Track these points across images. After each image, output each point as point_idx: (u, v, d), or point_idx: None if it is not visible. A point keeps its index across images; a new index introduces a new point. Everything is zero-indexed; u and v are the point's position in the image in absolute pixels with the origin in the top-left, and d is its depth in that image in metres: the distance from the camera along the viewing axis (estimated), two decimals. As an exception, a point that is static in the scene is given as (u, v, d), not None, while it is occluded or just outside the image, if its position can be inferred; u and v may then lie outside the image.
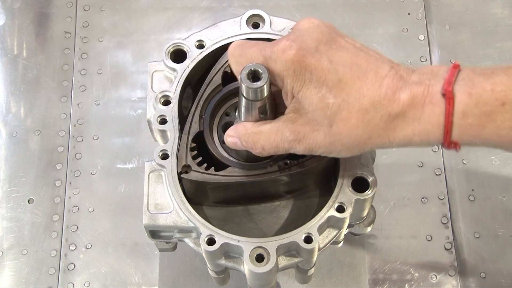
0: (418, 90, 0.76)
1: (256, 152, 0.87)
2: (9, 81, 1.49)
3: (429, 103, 0.75)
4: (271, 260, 0.87)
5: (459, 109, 0.74)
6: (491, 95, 0.73)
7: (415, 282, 1.30)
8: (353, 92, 0.77)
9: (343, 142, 0.79)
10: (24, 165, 1.41)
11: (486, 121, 0.74)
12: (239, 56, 0.84)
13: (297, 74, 0.79)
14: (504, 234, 1.32)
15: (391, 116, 0.76)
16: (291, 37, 0.80)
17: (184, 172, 0.92)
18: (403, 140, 0.78)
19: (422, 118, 0.76)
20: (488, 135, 0.75)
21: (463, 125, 0.75)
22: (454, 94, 0.74)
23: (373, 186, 0.91)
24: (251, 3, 1.54)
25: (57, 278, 1.32)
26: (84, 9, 1.56)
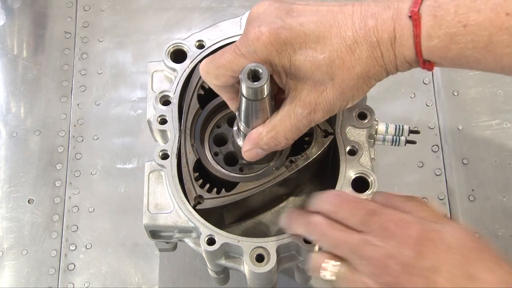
0: (386, 15, 0.78)
1: (281, 146, 0.87)
2: (9, 81, 1.49)
3: (398, 26, 0.77)
4: (271, 260, 0.87)
5: (424, 31, 0.76)
6: (454, 17, 0.74)
7: (415, 282, 1.30)
8: (334, 39, 0.79)
9: (350, 86, 0.81)
10: (24, 165, 1.41)
11: (450, 43, 0.75)
12: (215, 69, 0.84)
13: (280, 52, 0.80)
14: (504, 234, 1.32)
15: (373, 45, 0.78)
16: (255, 24, 0.81)
17: (198, 204, 0.91)
18: (390, 64, 0.79)
19: (395, 42, 0.78)
20: (454, 56, 0.76)
21: (429, 47, 0.76)
22: (421, 15, 0.75)
23: (373, 186, 0.91)
24: (251, 3, 1.53)
25: (57, 278, 1.32)
26: (84, 9, 1.56)
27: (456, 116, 1.42)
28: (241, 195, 0.92)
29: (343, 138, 0.94)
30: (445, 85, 1.45)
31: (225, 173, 0.94)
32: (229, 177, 0.94)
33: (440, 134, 1.40)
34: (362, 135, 0.95)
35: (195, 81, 0.97)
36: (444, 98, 1.44)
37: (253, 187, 0.92)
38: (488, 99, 1.43)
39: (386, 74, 0.82)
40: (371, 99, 0.98)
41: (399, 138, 1.02)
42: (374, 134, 0.99)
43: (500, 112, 1.42)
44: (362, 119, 0.96)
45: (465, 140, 1.40)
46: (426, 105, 1.43)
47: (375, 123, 0.98)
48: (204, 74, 0.86)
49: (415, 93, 1.44)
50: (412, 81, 1.45)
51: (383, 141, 1.02)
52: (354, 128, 0.96)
